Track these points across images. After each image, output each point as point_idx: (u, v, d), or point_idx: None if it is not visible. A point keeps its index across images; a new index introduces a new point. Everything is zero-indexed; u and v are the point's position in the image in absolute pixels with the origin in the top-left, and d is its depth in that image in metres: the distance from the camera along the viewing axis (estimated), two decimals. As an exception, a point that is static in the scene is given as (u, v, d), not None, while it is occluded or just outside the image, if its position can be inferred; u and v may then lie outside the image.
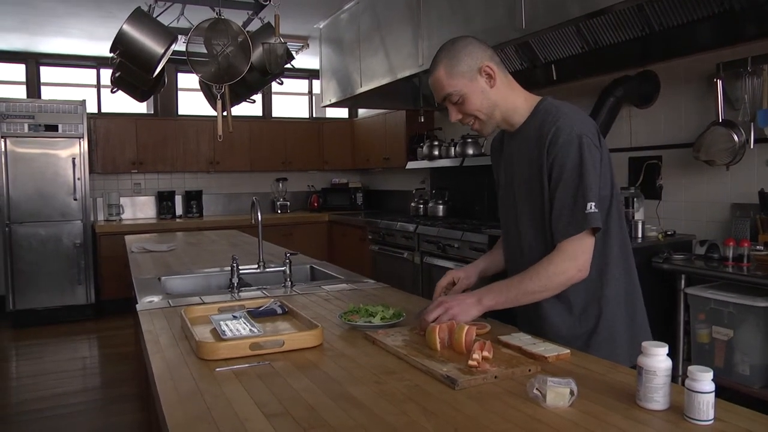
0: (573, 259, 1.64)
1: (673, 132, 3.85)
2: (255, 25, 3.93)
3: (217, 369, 1.49)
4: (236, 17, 3.66)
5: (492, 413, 1.21)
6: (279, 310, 2.04)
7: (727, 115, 3.42)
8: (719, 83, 3.41)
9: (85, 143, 6.40)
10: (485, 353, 1.47)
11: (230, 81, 3.56)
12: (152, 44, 3.41)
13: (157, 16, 3.60)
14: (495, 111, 1.77)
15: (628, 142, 4.12)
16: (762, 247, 3.14)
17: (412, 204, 6.55)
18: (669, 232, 3.58)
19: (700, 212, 3.70)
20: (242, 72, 3.52)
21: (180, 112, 7.68)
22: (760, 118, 3.22)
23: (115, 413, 3.99)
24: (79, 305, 6.44)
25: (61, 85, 7.24)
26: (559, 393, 1.24)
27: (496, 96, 1.75)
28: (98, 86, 7.32)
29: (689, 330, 3.17)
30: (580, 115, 1.73)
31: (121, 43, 3.38)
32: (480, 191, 5.81)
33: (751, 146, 3.32)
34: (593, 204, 1.61)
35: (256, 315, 1.98)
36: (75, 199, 6.37)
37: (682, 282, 3.17)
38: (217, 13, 3.51)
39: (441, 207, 6.12)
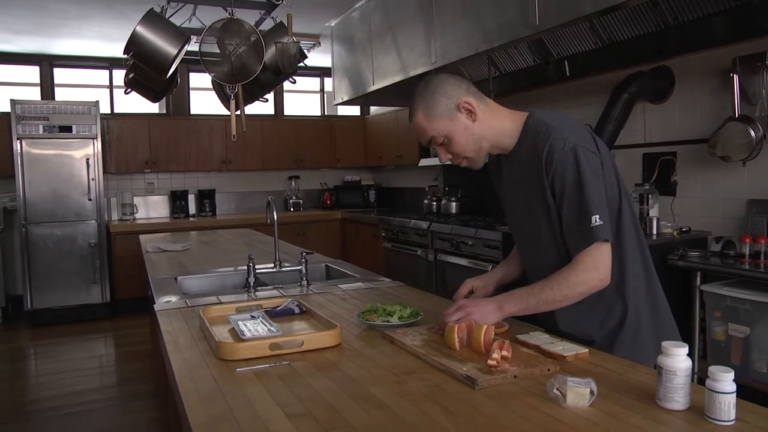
0: (595, 269, 1.63)
1: (688, 128, 3.82)
2: (267, 25, 3.94)
3: (237, 369, 1.50)
4: (248, 17, 3.67)
5: (512, 413, 1.22)
6: (296, 310, 2.04)
7: (743, 110, 3.38)
8: (736, 78, 3.38)
9: (98, 144, 6.45)
10: (504, 353, 1.47)
11: (243, 81, 3.57)
12: (165, 45, 3.43)
13: (170, 16, 3.62)
14: (482, 143, 1.76)
15: (642, 138, 4.10)
16: (779, 244, 3.12)
17: (425, 201, 6.55)
18: (684, 229, 3.56)
19: (716, 208, 3.68)
20: (255, 72, 3.53)
21: (192, 112, 7.71)
22: (777, 113, 3.19)
23: (132, 411, 4.03)
24: (95, 304, 6.49)
25: (75, 86, 7.30)
26: (579, 393, 1.24)
27: (481, 128, 1.74)
28: (111, 87, 7.37)
29: (705, 327, 3.16)
30: (570, 125, 1.71)
31: (134, 44, 3.41)
32: (493, 188, 5.78)
33: (768, 142, 3.30)
34: (597, 216, 1.60)
35: (274, 315, 2.00)
36: (89, 199, 6.41)
37: (698, 279, 3.15)
38: (229, 14, 3.52)
39: (454, 204, 6.13)
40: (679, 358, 1.22)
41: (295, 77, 3.99)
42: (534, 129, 1.73)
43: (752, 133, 3.33)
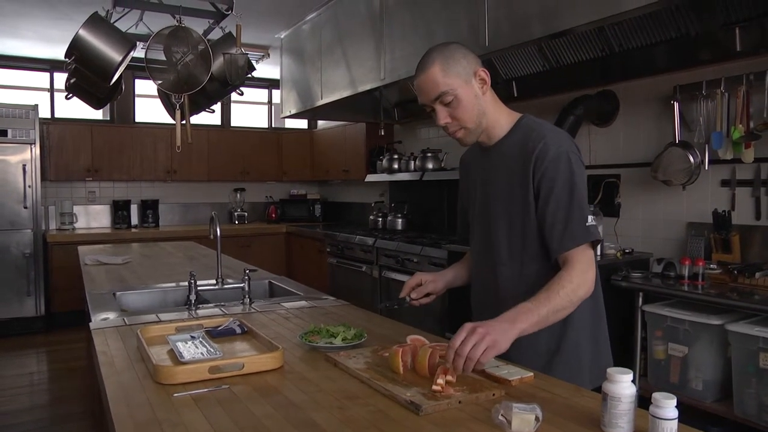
0: (588, 271, 1.63)
1: (632, 151, 3.92)
2: (216, 35, 3.86)
3: (175, 394, 1.43)
4: (197, 26, 3.60)
5: (458, 441, 1.20)
6: (238, 330, 1.98)
7: (683, 136, 3.50)
8: (676, 105, 3.49)
9: (37, 149, 6.21)
10: (449, 377, 1.45)
11: (189, 91, 3.49)
12: (109, 51, 3.32)
13: (115, 21, 3.51)
14: (483, 119, 1.74)
15: (588, 160, 4.18)
16: (716, 266, 3.21)
17: (371, 217, 6.53)
18: (627, 250, 3.63)
19: (657, 231, 3.77)
20: (202, 82, 3.45)
21: (137, 119, 7.52)
22: (714, 140, 3.30)
23: (64, 432, 3.84)
24: (28, 318, 6.20)
25: (12, 88, 7.02)
26: (524, 419, 1.23)
27: (486, 104, 1.74)
28: (51, 90, 7.11)
29: (646, 346, 3.22)
30: (563, 134, 1.74)
31: (76, 48, 3.29)
32: (439, 205, 5.82)
33: (706, 167, 3.40)
34: (592, 217, 1.64)
35: (215, 335, 1.93)
36: (25, 207, 6.15)
37: (640, 299, 3.22)
38: (177, 21, 3.44)
39: (400, 220, 6.11)
40: (623, 385, 1.23)
41: (242, 89, 3.92)
42: (527, 127, 1.74)
43: (691, 158, 3.44)
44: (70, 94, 3.92)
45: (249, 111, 8.33)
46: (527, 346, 1.74)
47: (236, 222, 7.76)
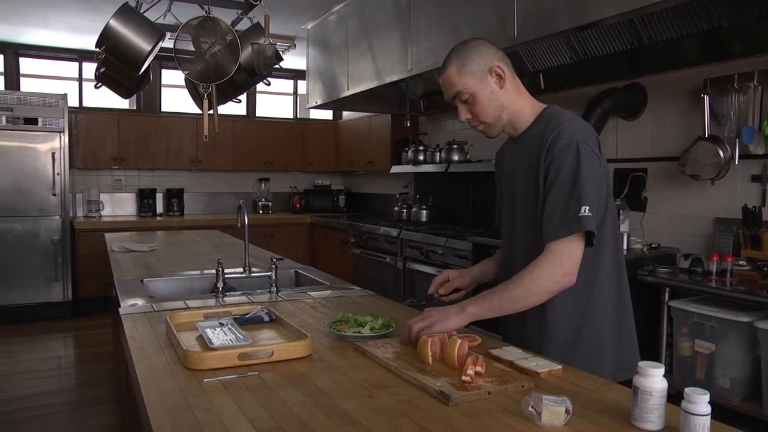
0: (559, 264, 1.61)
1: (659, 145, 3.88)
2: (243, 25, 3.88)
3: (205, 380, 1.45)
4: (225, 16, 3.61)
5: (487, 431, 1.20)
6: (266, 318, 2.00)
7: (713, 130, 3.45)
8: (706, 98, 3.44)
9: (65, 138, 6.30)
10: (478, 368, 1.45)
11: (218, 81, 3.51)
12: (139, 41, 3.35)
13: (144, 11, 3.54)
14: (502, 113, 1.78)
15: (614, 153, 4.14)
16: (744, 263, 3.17)
17: (396, 208, 6.53)
18: (654, 245, 3.60)
19: (684, 225, 3.73)
20: (230, 72, 3.47)
21: (163, 109, 7.59)
22: (745, 134, 3.25)
23: (91, 415, 3.91)
24: (56, 302, 6.32)
25: (42, 78, 7.13)
26: (554, 411, 1.23)
27: (505, 98, 1.77)
28: (80, 80, 7.21)
29: (672, 342, 3.19)
30: (582, 123, 1.74)
31: (107, 38, 3.32)
32: (464, 198, 5.81)
33: (736, 162, 3.36)
34: (587, 208, 1.59)
35: (243, 322, 1.95)
36: (54, 195, 6.25)
37: (667, 295, 3.19)
38: (206, 12, 3.46)
39: (424, 212, 6.11)
40: (655, 379, 1.23)
41: (269, 79, 3.93)
42: (548, 117, 1.76)
43: (721, 153, 3.39)
44: (100, 84, 3.96)
45: (274, 101, 8.37)
46: (546, 337, 1.76)
47: (260, 212, 7.81)
